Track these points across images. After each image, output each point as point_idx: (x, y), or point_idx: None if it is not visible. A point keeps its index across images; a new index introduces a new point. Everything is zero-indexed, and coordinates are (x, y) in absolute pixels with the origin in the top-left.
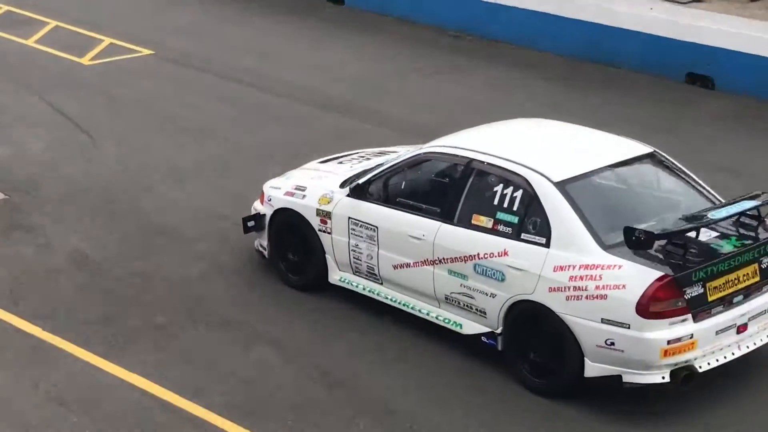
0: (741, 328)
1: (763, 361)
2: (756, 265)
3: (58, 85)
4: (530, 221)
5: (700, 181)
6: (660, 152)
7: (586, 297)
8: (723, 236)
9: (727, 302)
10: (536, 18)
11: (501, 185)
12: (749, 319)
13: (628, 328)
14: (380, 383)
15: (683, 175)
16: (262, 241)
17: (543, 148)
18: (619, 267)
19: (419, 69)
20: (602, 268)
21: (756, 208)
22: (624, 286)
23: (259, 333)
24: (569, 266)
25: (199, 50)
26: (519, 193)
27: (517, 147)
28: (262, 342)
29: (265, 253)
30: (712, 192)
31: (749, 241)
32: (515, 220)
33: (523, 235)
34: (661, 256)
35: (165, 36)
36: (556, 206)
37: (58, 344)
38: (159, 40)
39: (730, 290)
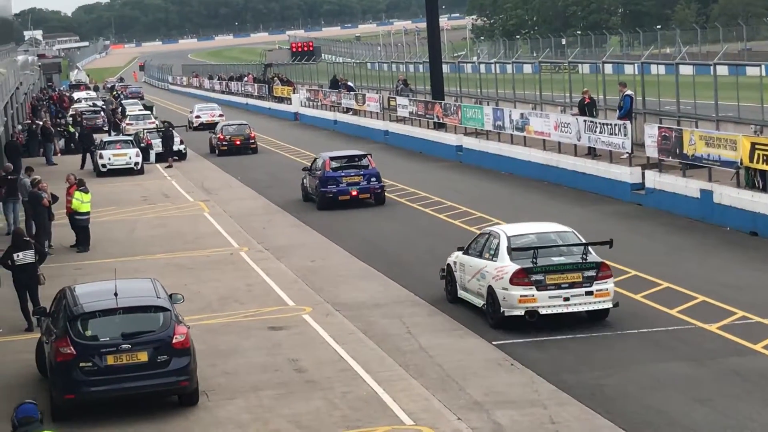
0: (565, 299)
1: None
2: (580, 273)
3: None
4: (497, 252)
5: (582, 239)
6: (574, 231)
7: (499, 277)
8: (569, 257)
9: (557, 286)
10: None
11: (493, 239)
12: (571, 296)
13: (507, 290)
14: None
15: (578, 238)
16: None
17: (523, 226)
18: (509, 265)
19: None
20: (505, 266)
21: (576, 245)
22: (508, 272)
23: None
24: (497, 267)
25: None
26: (496, 241)
27: (512, 228)
28: None
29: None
30: (583, 242)
31: (577, 262)
32: (492, 252)
33: (494, 258)
34: (528, 261)
35: None
36: (503, 244)
37: None
38: None
39: (561, 281)
